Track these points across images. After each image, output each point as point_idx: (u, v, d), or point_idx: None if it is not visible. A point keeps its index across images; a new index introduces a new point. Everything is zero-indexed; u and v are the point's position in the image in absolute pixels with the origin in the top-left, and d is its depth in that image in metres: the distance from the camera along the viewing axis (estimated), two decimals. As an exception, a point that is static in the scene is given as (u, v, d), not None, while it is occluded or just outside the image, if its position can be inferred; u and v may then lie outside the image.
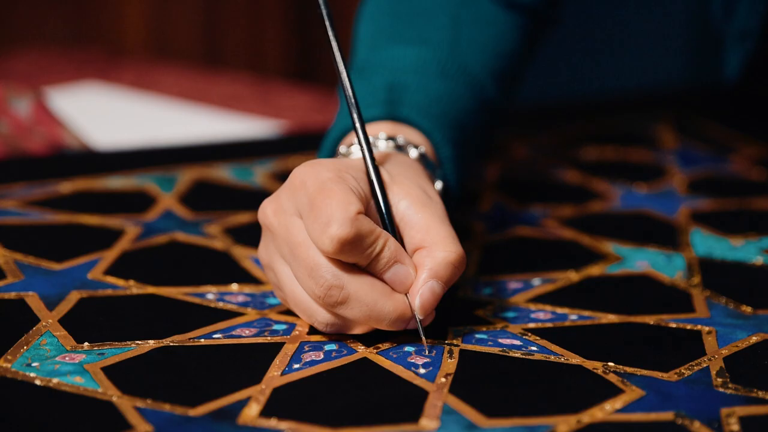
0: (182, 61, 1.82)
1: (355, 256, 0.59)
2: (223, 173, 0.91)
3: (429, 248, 0.61)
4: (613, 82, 1.48)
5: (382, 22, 0.80)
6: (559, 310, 0.68)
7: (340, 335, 0.63)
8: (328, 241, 0.58)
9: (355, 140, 0.69)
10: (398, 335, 0.63)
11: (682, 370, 0.60)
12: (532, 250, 0.78)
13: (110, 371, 0.58)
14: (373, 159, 0.63)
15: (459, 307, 0.67)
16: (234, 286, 0.69)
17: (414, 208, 0.62)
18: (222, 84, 1.36)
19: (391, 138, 0.69)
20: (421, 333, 0.61)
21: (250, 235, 0.75)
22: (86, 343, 0.61)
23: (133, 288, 0.69)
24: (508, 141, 1.01)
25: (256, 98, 1.29)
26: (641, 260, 0.75)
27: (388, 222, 0.62)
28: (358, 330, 0.62)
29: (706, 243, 0.79)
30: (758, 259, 0.76)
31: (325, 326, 0.61)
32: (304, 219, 0.60)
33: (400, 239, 0.62)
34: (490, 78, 0.79)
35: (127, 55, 1.83)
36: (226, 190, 0.88)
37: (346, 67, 0.64)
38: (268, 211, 0.62)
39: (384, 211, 0.62)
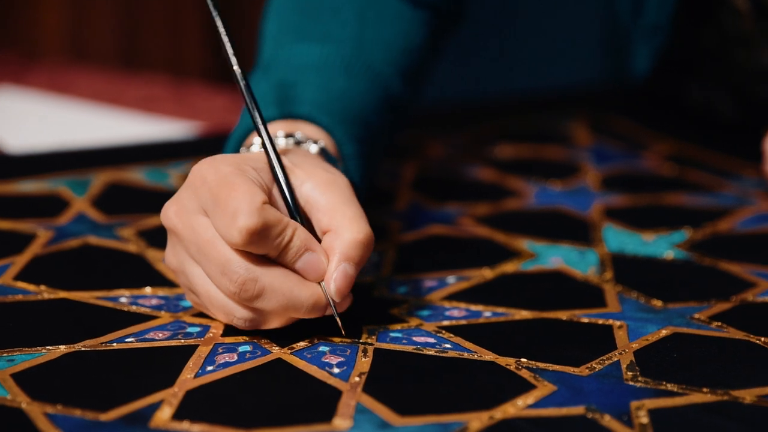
0: (100, 63, 1.80)
1: (265, 247, 0.59)
2: (138, 176, 0.90)
3: (336, 230, 0.61)
4: (527, 81, 1.49)
5: (288, 18, 0.80)
6: (474, 308, 0.68)
7: (254, 336, 0.62)
8: (237, 233, 0.58)
9: (255, 140, 0.69)
10: (314, 334, 0.63)
11: (594, 365, 0.60)
12: (447, 248, 0.78)
13: (20, 378, 0.57)
14: (272, 141, 0.63)
15: (374, 305, 0.67)
16: (147, 290, 0.69)
17: (319, 190, 0.62)
18: (137, 86, 1.35)
19: (289, 135, 0.69)
20: (337, 318, 0.61)
21: (164, 238, 0.74)
22: (-5, 350, 0.60)
23: (44, 293, 0.68)
24: (423, 140, 1.02)
25: (172, 100, 1.28)
26: (555, 257, 0.76)
27: (293, 207, 0.62)
28: (276, 323, 0.61)
29: (618, 238, 0.80)
30: (669, 254, 0.77)
31: (244, 323, 0.61)
32: (209, 215, 0.59)
33: (308, 223, 0.62)
34: (396, 75, 0.79)
35: (44, 58, 1.81)
36: (140, 192, 0.87)
37: (238, 63, 0.64)
38: (170, 213, 0.62)
39: (288, 195, 0.62)
